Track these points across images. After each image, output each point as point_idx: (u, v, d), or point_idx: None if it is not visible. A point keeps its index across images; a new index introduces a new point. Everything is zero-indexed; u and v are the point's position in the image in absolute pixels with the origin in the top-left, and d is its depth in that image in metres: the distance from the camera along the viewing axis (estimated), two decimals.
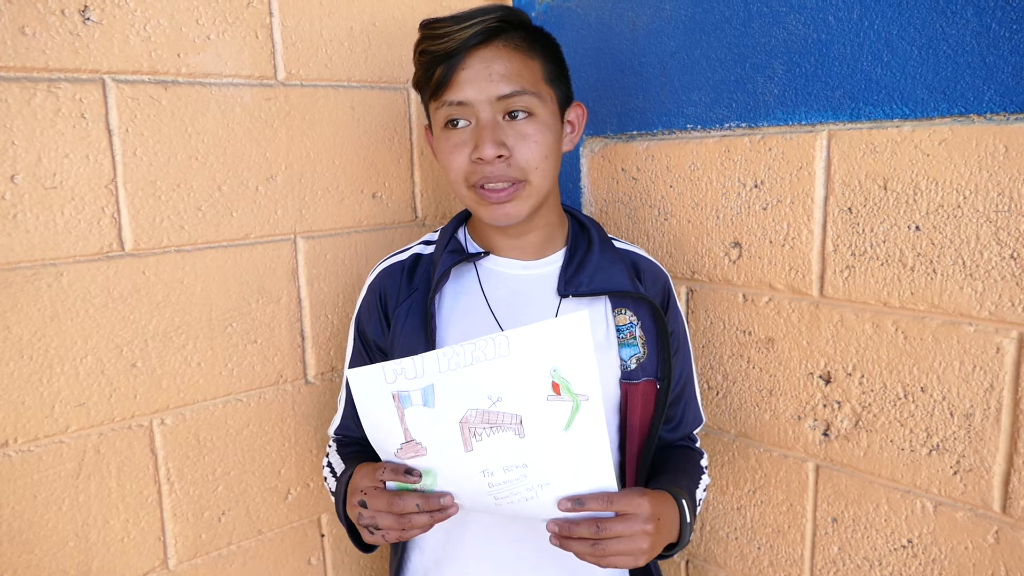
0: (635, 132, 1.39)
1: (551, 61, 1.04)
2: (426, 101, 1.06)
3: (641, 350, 1.09)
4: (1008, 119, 0.93)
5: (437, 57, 0.98)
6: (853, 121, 1.08)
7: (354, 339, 1.16)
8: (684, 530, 0.99)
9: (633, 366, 1.08)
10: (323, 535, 1.43)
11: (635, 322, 1.09)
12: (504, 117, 0.99)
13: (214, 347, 1.24)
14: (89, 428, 1.12)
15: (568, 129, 1.09)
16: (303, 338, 1.35)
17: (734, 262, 1.26)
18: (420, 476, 0.88)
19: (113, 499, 1.15)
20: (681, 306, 1.35)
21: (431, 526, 0.90)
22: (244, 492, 1.30)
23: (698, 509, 1.11)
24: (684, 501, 1.00)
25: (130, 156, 1.11)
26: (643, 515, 0.90)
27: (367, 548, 1.08)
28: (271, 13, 1.24)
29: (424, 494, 0.88)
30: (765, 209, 1.20)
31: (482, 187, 1.00)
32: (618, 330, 1.08)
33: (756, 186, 1.21)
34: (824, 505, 1.21)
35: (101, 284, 1.11)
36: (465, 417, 0.85)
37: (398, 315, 1.09)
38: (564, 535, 0.90)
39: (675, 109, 1.30)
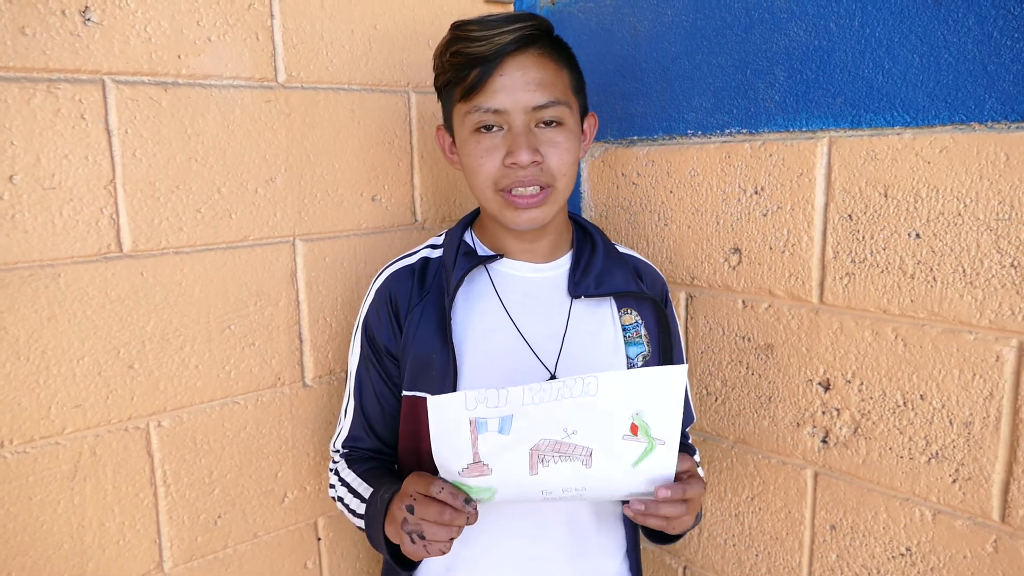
0: (636, 137, 1.38)
1: (575, 71, 1.07)
2: (452, 102, 1.05)
3: (646, 348, 1.12)
4: (1009, 127, 0.93)
5: (472, 59, 0.97)
6: (854, 128, 1.08)
7: (362, 344, 1.14)
8: (698, 515, 1.01)
9: (640, 363, 1.11)
10: (319, 539, 1.42)
11: (640, 321, 1.12)
12: (535, 124, 1.00)
13: (212, 349, 1.23)
14: (85, 430, 1.11)
15: (582, 137, 1.11)
16: (301, 341, 1.34)
17: (734, 268, 1.26)
18: (475, 510, 0.88)
19: (109, 501, 1.15)
20: (680, 312, 1.35)
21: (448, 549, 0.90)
22: (241, 495, 1.30)
23: None
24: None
25: (129, 157, 1.11)
26: (696, 472, 0.96)
27: (408, 564, 1.05)
28: (272, 15, 1.24)
29: (449, 507, 0.87)
30: (765, 215, 1.20)
31: (510, 191, 1.01)
32: (624, 329, 1.11)
33: (756, 192, 1.20)
34: (823, 512, 1.20)
35: (99, 285, 1.10)
36: (537, 445, 0.86)
37: (411, 319, 1.08)
38: (653, 513, 0.91)
39: (676, 115, 1.30)
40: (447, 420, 0.83)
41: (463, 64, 0.99)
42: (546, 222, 1.05)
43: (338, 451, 1.18)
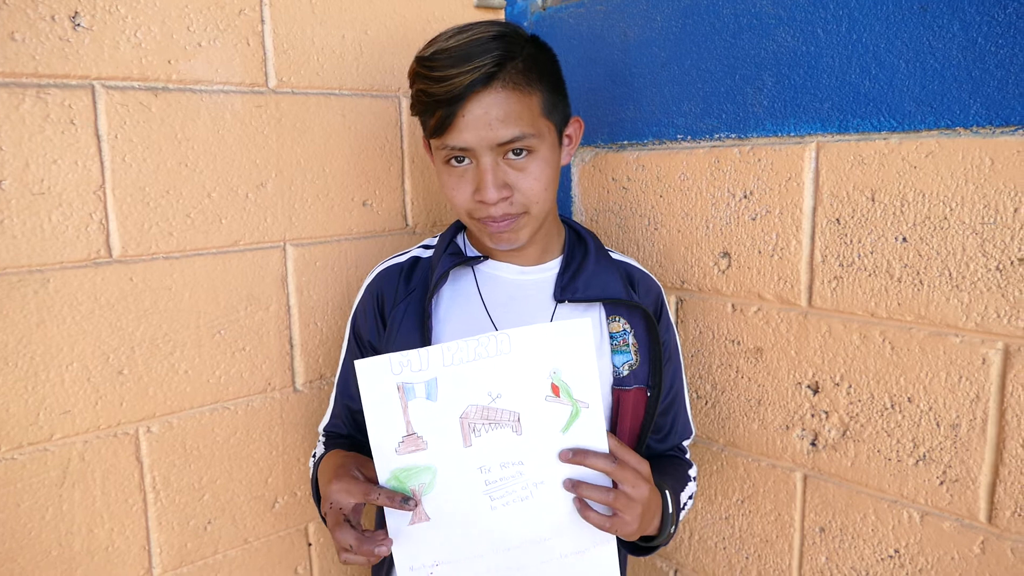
0: (626, 142, 1.39)
1: (549, 87, 1.03)
2: (425, 133, 1.06)
3: (634, 357, 1.11)
4: (994, 132, 0.94)
5: (437, 100, 0.97)
6: (841, 133, 1.09)
7: (349, 339, 1.18)
8: (665, 522, 1.01)
9: (625, 372, 1.10)
10: (310, 544, 1.42)
11: (628, 329, 1.11)
12: (504, 156, 1.00)
13: (202, 354, 1.23)
14: (74, 436, 1.11)
15: (566, 143, 1.10)
16: (292, 346, 1.34)
17: (723, 272, 1.27)
18: (417, 504, 0.88)
19: (98, 508, 1.14)
20: (671, 316, 1.36)
21: (357, 562, 0.90)
22: (231, 501, 1.29)
23: (682, 513, 1.12)
24: (667, 493, 1.02)
25: (119, 162, 1.11)
26: (644, 473, 0.93)
27: None
28: (263, 20, 1.24)
29: (360, 536, 0.87)
30: (754, 219, 1.21)
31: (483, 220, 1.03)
32: (612, 337, 1.10)
33: (745, 196, 1.21)
34: (812, 515, 1.21)
35: (88, 291, 1.10)
36: (465, 412, 0.88)
37: (394, 316, 1.11)
38: (580, 461, 0.90)
39: (665, 119, 1.31)
40: (376, 387, 0.85)
41: (428, 104, 0.99)
42: (524, 243, 1.06)
43: (320, 434, 1.22)
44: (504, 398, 0.88)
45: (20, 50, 1.01)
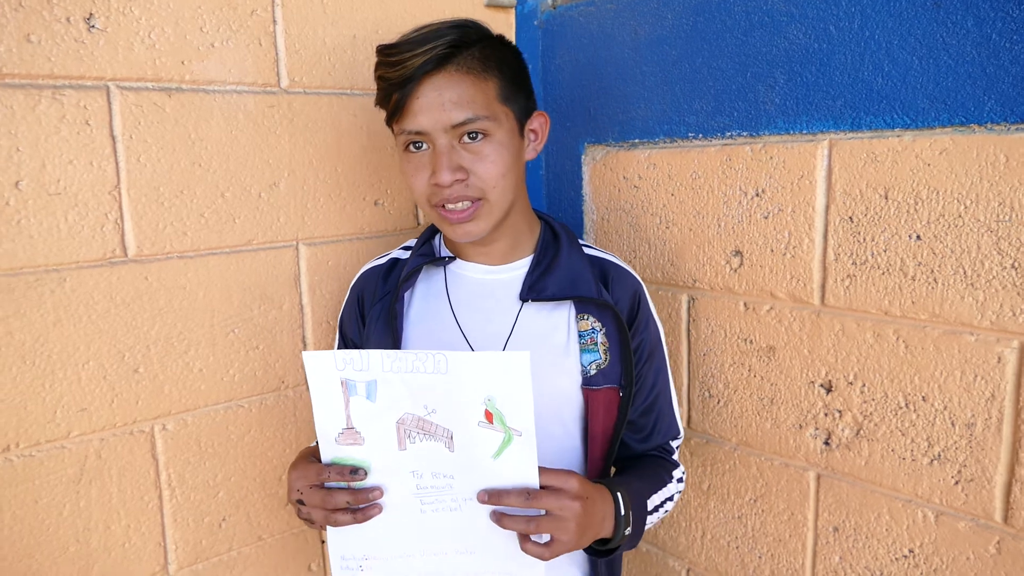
0: (637, 140, 1.39)
1: (507, 77, 1.04)
2: (387, 122, 1.08)
3: (603, 356, 1.10)
4: (1009, 129, 0.93)
5: (392, 84, 1.00)
6: (854, 130, 1.08)
7: (338, 340, 1.24)
8: (619, 524, 1.00)
9: (593, 372, 1.09)
10: (323, 541, 1.43)
11: (598, 328, 1.10)
12: (460, 140, 1.01)
13: (216, 353, 1.24)
14: (91, 433, 1.12)
15: (532, 138, 1.11)
16: (305, 344, 1.35)
17: (735, 270, 1.26)
18: (365, 475, 0.92)
19: (114, 504, 1.16)
20: (682, 314, 1.35)
21: (357, 522, 0.93)
22: (245, 498, 1.30)
23: (653, 515, 1.11)
24: (620, 495, 1.00)
25: (134, 162, 1.12)
26: (571, 491, 0.92)
27: None
28: (275, 21, 1.24)
29: (354, 491, 0.92)
30: (766, 218, 1.20)
31: (443, 207, 1.03)
32: (580, 335, 1.10)
33: (757, 195, 1.21)
34: (825, 514, 1.20)
35: (104, 290, 1.11)
36: (402, 419, 0.90)
37: (372, 315, 1.14)
38: (497, 507, 0.91)
39: (677, 117, 1.31)
40: (321, 378, 0.89)
41: (386, 89, 1.01)
42: (484, 234, 1.05)
43: None
44: (439, 414, 0.89)
45: (36, 52, 1.02)
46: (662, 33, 1.31)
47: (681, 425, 1.24)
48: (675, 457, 1.22)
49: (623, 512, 1.00)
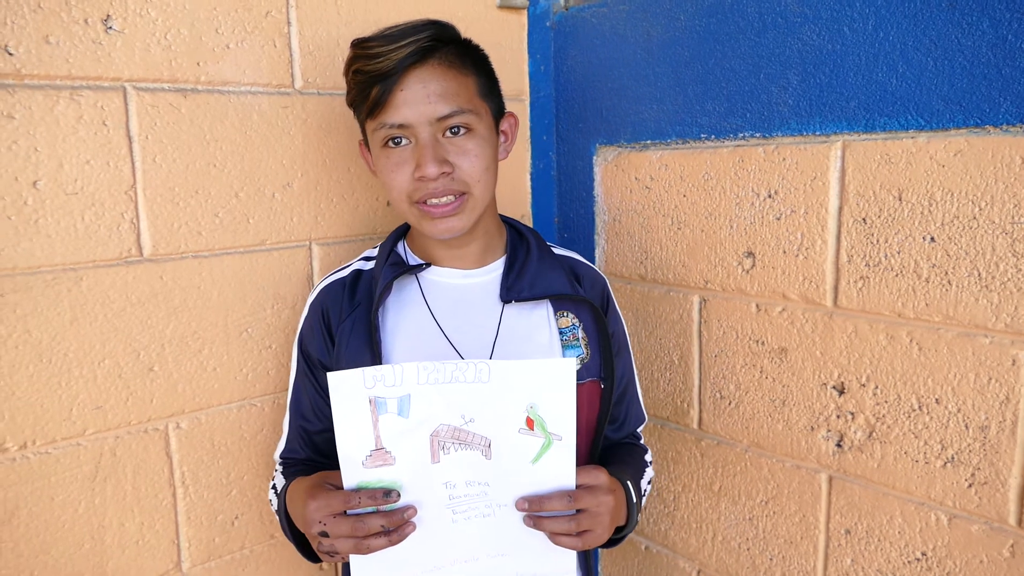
0: (649, 141, 1.39)
1: (483, 75, 1.06)
2: (361, 120, 1.06)
3: (584, 351, 1.11)
4: None
5: (372, 77, 0.98)
6: (868, 132, 1.08)
7: (297, 359, 1.15)
8: (632, 512, 1.03)
9: (577, 367, 1.09)
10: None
11: (577, 324, 1.12)
12: (443, 134, 1.00)
13: (230, 352, 1.25)
14: (106, 431, 1.13)
15: (502, 139, 1.12)
16: None
17: (747, 272, 1.26)
18: (398, 496, 0.88)
19: (128, 502, 1.17)
20: (694, 315, 1.35)
21: (392, 544, 0.89)
22: (258, 496, 1.31)
23: (643, 499, 1.14)
24: (629, 484, 1.04)
25: (149, 163, 1.13)
26: (603, 486, 0.94)
27: (319, 559, 1.05)
28: (289, 22, 1.25)
29: (387, 512, 0.88)
30: (779, 219, 1.20)
31: (425, 203, 1.02)
32: (561, 332, 1.11)
33: (770, 196, 1.21)
34: (837, 516, 1.20)
35: (120, 289, 1.12)
36: (436, 431, 0.87)
37: (342, 332, 1.09)
38: (537, 509, 0.91)
39: (689, 119, 1.31)
40: (347, 399, 0.84)
41: (365, 82, 0.99)
42: (466, 230, 1.05)
43: (276, 461, 1.19)
44: (477, 423, 0.88)
45: (55, 53, 1.03)
46: (675, 34, 1.31)
47: (645, 411, 1.28)
48: (643, 441, 1.27)
49: (635, 500, 1.04)
